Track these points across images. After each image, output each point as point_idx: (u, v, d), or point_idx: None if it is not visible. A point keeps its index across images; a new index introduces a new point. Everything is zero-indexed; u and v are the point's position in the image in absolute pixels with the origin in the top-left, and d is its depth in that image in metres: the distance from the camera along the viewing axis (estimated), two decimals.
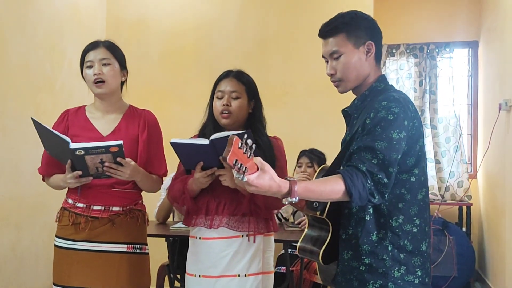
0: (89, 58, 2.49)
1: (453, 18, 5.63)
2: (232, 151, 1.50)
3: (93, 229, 2.44)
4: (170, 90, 4.92)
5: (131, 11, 5.05)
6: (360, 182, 1.68)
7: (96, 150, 2.23)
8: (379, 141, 1.72)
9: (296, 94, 4.77)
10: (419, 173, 1.84)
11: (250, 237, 2.37)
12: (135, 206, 2.53)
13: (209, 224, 2.38)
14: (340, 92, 1.99)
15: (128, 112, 2.58)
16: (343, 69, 1.91)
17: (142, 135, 2.51)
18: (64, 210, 2.51)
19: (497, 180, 4.54)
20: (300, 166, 3.98)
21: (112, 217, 2.46)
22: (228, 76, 2.47)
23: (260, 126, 2.48)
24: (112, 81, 2.49)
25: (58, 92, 4.25)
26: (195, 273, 2.42)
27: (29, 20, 3.91)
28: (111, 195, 2.47)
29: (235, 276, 2.34)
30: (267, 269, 2.46)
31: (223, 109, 2.40)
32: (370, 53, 1.90)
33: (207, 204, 2.40)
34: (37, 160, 3.88)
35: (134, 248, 2.50)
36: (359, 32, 1.90)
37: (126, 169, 2.32)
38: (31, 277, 3.88)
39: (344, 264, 1.90)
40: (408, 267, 1.81)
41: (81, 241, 2.44)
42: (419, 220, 1.83)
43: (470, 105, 5.71)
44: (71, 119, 2.55)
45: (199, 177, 2.27)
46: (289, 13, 4.83)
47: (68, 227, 2.46)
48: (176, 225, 3.59)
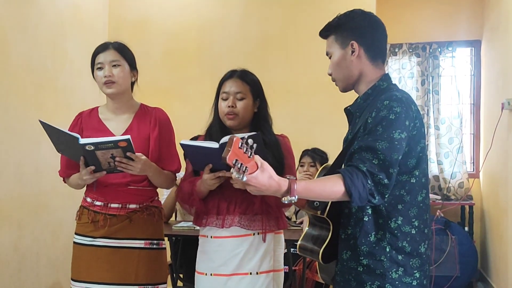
0: (99, 60, 2.53)
1: (455, 17, 5.62)
2: (232, 150, 1.50)
3: (112, 226, 2.50)
4: (172, 89, 4.93)
5: (133, 10, 5.05)
6: (360, 182, 1.67)
7: (105, 145, 2.27)
8: (380, 141, 1.71)
9: (299, 93, 4.77)
10: (419, 175, 1.82)
11: (261, 235, 2.37)
12: (151, 203, 2.59)
13: (221, 224, 2.38)
14: (341, 91, 2.00)
15: (139, 111, 2.62)
16: (334, 70, 1.96)
17: (153, 133, 2.55)
18: (83, 208, 2.57)
19: (500, 180, 4.53)
20: (303, 166, 3.97)
21: (129, 214, 2.52)
22: (232, 77, 2.46)
23: (267, 125, 2.47)
24: (122, 82, 2.53)
25: (60, 92, 4.26)
26: (206, 272, 2.42)
27: (31, 20, 3.91)
28: (127, 193, 2.53)
29: (246, 274, 2.35)
30: (278, 267, 2.46)
31: (229, 110, 2.40)
32: (355, 53, 1.90)
33: (218, 205, 2.40)
34: (39, 160, 3.90)
35: (151, 243, 2.56)
36: (344, 33, 1.92)
37: (137, 163, 2.37)
38: (32, 276, 3.88)
39: (343, 264, 1.89)
40: (406, 269, 1.80)
41: (100, 238, 2.50)
42: (418, 222, 1.82)
43: (472, 105, 5.71)
44: (84, 121, 2.59)
45: (207, 178, 2.26)
46: (291, 12, 4.83)
47: (87, 225, 2.53)
48: (178, 224, 3.59)
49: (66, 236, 3.95)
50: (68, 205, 3.83)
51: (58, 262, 4.09)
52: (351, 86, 1.97)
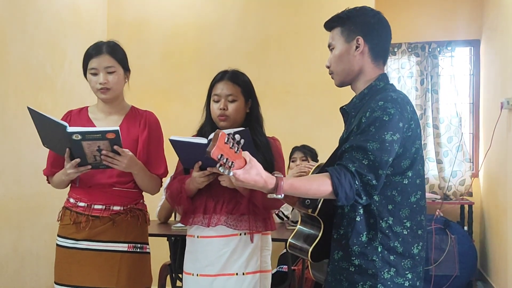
0: (93, 65, 2.48)
1: (454, 17, 5.62)
2: (217, 145, 1.49)
3: (94, 228, 2.44)
4: (171, 90, 4.92)
5: (131, 11, 5.05)
6: (348, 182, 1.68)
7: (93, 136, 2.22)
8: (371, 142, 1.71)
9: (298, 93, 4.77)
10: (413, 176, 1.81)
11: (248, 235, 2.36)
12: (135, 205, 2.54)
13: (207, 223, 2.37)
14: (336, 85, 1.99)
15: (129, 113, 2.59)
16: (333, 62, 1.94)
17: (142, 135, 2.52)
18: (66, 209, 2.52)
19: (499, 179, 4.53)
20: (294, 161, 3.99)
21: (112, 216, 2.46)
22: (223, 79, 2.46)
23: (258, 125, 2.48)
24: (117, 88, 2.51)
25: (59, 92, 4.25)
26: (193, 272, 2.41)
27: (29, 20, 3.91)
28: (112, 194, 2.48)
29: (233, 275, 2.34)
30: (265, 268, 2.44)
31: (220, 113, 2.40)
32: (359, 48, 1.89)
33: (205, 203, 2.39)
34: (38, 160, 3.88)
35: (135, 247, 2.50)
36: (352, 27, 1.90)
37: (123, 158, 2.32)
38: (32, 277, 3.88)
39: (334, 264, 1.88)
40: (398, 269, 1.79)
41: (82, 240, 2.45)
42: (411, 223, 1.81)
43: (471, 104, 5.71)
44: (73, 119, 2.55)
45: (196, 176, 2.26)
46: (290, 13, 4.82)
47: (70, 226, 2.47)
48: (177, 224, 3.58)
49: None
50: None
51: None
52: (348, 82, 1.95)
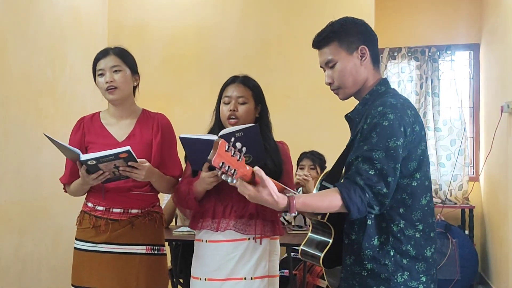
0: (100, 66, 2.53)
1: (454, 21, 5.64)
2: (218, 153, 1.50)
3: (113, 231, 2.49)
4: (172, 94, 4.92)
5: (132, 15, 5.06)
6: (358, 197, 1.69)
7: (107, 158, 2.28)
8: (376, 151, 1.72)
9: (298, 98, 4.77)
10: (421, 177, 1.82)
11: (256, 239, 2.36)
12: (152, 208, 2.59)
13: (216, 227, 2.37)
14: (341, 99, 1.98)
15: (141, 116, 2.61)
16: (339, 77, 1.91)
17: (156, 138, 2.55)
18: (85, 213, 2.56)
19: (500, 183, 4.53)
20: (302, 168, 3.97)
21: (131, 219, 2.51)
22: (234, 82, 2.49)
23: (267, 130, 2.49)
24: (124, 87, 2.53)
25: (60, 97, 4.26)
26: (201, 277, 2.41)
27: (30, 25, 3.92)
28: (129, 198, 2.52)
29: (241, 279, 2.34)
30: (273, 273, 2.44)
31: (230, 114, 2.41)
32: (365, 57, 1.89)
33: (213, 207, 2.40)
34: (39, 165, 3.90)
35: (153, 249, 2.56)
36: (350, 38, 1.89)
37: (141, 170, 2.36)
38: (33, 282, 3.87)
39: (347, 270, 1.88)
40: (412, 273, 1.79)
41: (102, 243, 2.49)
42: (423, 226, 1.81)
43: (471, 108, 5.71)
44: (87, 126, 2.59)
45: (205, 176, 2.26)
46: (290, 17, 4.83)
47: (89, 230, 2.52)
48: (179, 229, 3.58)
49: (67, 242, 3.93)
50: (68, 211, 3.82)
51: (59, 267, 4.08)
52: (358, 92, 1.94)
